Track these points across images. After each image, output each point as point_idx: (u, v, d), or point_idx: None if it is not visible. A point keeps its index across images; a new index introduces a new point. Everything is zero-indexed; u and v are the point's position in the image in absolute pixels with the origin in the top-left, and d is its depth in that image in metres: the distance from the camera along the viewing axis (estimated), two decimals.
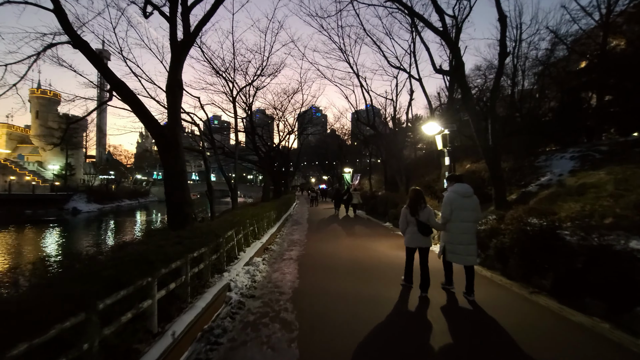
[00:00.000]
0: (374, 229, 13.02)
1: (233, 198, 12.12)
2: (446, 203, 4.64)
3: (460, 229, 4.56)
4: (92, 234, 32.16)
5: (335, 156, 45.96)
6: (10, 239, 27.52)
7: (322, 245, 9.15)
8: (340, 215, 19.28)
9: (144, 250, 3.31)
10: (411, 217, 4.77)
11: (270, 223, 11.51)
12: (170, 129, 5.08)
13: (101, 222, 39.32)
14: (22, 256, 21.17)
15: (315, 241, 9.81)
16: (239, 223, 7.10)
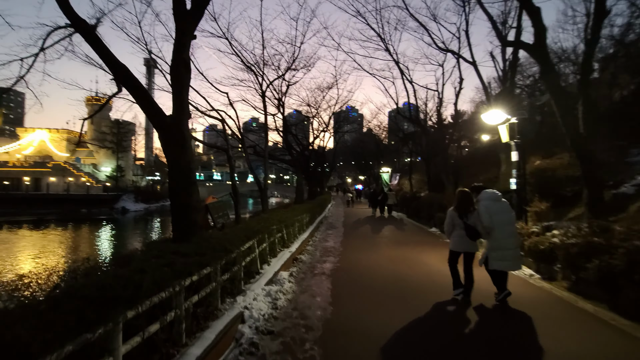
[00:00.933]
0: (418, 236, 11.50)
1: (263, 200, 11.28)
2: (484, 212, 4.47)
3: (506, 233, 4.44)
4: (138, 232, 33.70)
5: (372, 155, 44.21)
6: (71, 236, 29.67)
7: (360, 255, 7.91)
8: (377, 217, 17.90)
9: (107, 281, 2.35)
10: (459, 220, 4.62)
11: (302, 227, 10.49)
12: (174, 119, 4.18)
13: (146, 221, 41.24)
14: (79, 252, 22.42)
15: (352, 250, 8.59)
16: (263, 230, 6.11)
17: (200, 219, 4.38)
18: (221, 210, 6.39)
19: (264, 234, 6.15)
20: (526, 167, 7.82)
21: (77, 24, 4.30)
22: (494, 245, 4.46)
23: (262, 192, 11.40)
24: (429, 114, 19.48)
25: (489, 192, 4.63)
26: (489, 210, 4.44)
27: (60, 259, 19.71)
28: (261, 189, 11.47)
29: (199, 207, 4.39)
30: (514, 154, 7.22)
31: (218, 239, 4.42)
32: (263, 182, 11.64)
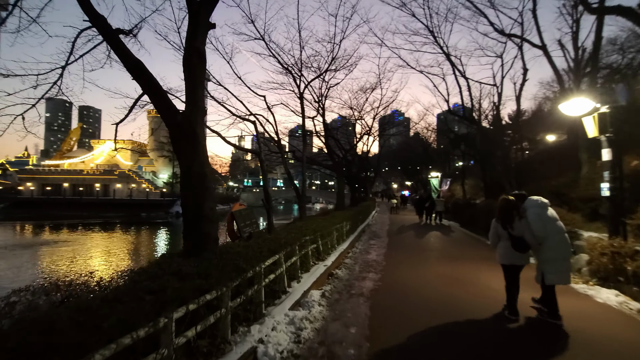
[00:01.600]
0: (474, 249, 10.02)
1: (300, 206, 10.67)
2: (536, 220, 4.16)
3: (561, 242, 4.14)
4: None
5: (419, 160, 41.93)
6: (131, 238, 32.15)
7: (406, 272, 6.85)
8: (423, 224, 16.41)
9: (57, 325, 1.76)
10: (503, 230, 4.32)
11: (341, 237, 9.66)
12: (186, 116, 3.67)
13: None
14: (135, 253, 24.05)
15: (397, 265, 7.54)
16: (293, 241, 5.41)
17: (215, 230, 3.77)
18: (249, 219, 5.84)
19: (294, 246, 5.45)
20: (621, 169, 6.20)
21: (94, 20, 4.00)
22: (549, 257, 4.12)
23: (300, 198, 10.79)
24: (484, 113, 17.57)
25: (535, 200, 4.35)
26: (542, 218, 4.15)
27: (118, 259, 21.09)
28: (299, 195, 10.88)
29: (214, 218, 3.79)
30: (605, 152, 5.71)
31: (235, 253, 3.79)
32: (301, 187, 11.03)
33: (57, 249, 24.34)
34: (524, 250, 4.21)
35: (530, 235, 4.13)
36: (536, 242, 4.14)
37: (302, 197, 10.76)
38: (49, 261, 20.56)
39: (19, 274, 16.50)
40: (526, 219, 4.21)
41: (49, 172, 56.08)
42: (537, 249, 4.19)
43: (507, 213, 4.30)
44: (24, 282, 4.75)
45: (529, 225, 4.14)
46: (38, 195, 52.67)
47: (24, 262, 20.03)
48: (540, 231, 4.11)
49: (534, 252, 4.28)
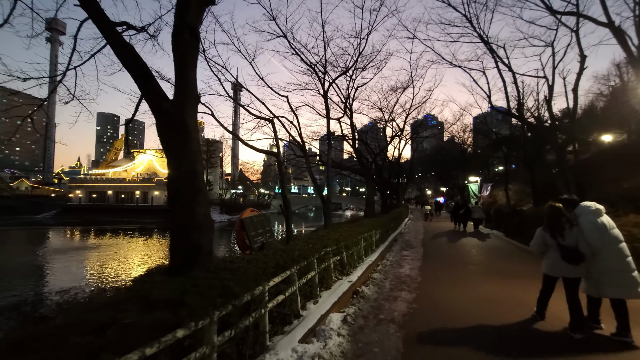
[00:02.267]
0: (525, 264, 8.61)
1: (326, 213, 9.87)
2: (591, 229, 3.77)
3: (620, 253, 3.75)
4: (222, 243, 35.70)
5: (455, 164, 39.67)
6: (165, 243, 33.06)
7: (447, 291, 5.78)
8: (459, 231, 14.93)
9: None
10: (552, 240, 3.99)
11: (370, 247, 8.71)
12: (175, 103, 3.04)
13: (228, 232, 43.93)
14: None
15: (435, 281, 6.47)
16: (310, 253, 4.62)
17: (208, 241, 3.07)
18: (262, 227, 5.13)
19: (312, 259, 4.65)
20: None
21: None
22: (604, 268, 3.79)
23: (325, 204, 9.99)
24: (529, 111, 15.85)
25: (588, 206, 4.01)
26: (597, 227, 3.82)
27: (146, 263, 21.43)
28: (324, 201, 10.09)
29: (207, 226, 3.10)
30: None
31: (232, 270, 3.06)
32: (326, 193, 10.24)
33: (99, 253, 25.34)
34: (575, 261, 3.86)
35: (584, 246, 3.79)
36: (591, 253, 3.81)
37: (327, 203, 9.95)
38: (87, 265, 21.36)
39: (68, 275, 17.43)
40: (579, 228, 3.89)
41: (95, 180, 60.01)
42: (591, 260, 3.85)
43: (556, 221, 3.99)
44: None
45: (583, 235, 3.80)
46: (85, 202, 56.37)
47: (70, 264, 20.96)
48: (597, 241, 3.78)
49: (586, 263, 3.90)
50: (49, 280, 16.84)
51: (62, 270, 19.23)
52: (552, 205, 4.13)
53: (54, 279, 16.80)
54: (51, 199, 61.23)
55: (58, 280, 16.16)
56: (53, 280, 16.63)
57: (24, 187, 73.63)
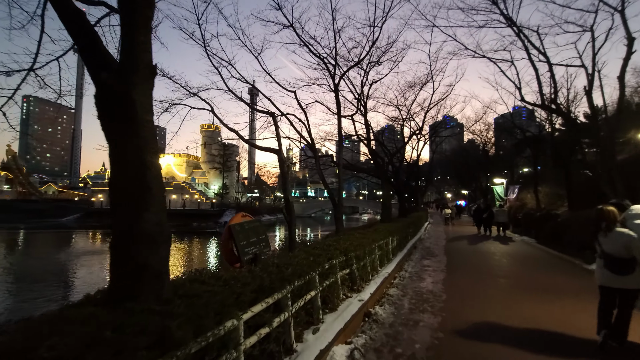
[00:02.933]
0: (567, 275, 7.42)
1: (337, 218, 8.96)
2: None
3: None
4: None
5: (477, 166, 37.82)
6: (189, 248, 32.87)
7: (479, 313, 4.74)
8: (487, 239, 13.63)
9: None
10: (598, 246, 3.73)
11: (385, 256, 7.74)
12: (118, 72, 2.27)
13: None
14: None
15: (464, 299, 5.44)
16: (309, 269, 3.75)
17: (159, 258, 2.25)
18: (254, 235, 4.30)
19: (313, 275, 3.78)
20: None
21: None
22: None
23: (336, 208, 9.08)
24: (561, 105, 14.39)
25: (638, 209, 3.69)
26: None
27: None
28: (335, 204, 9.19)
29: (160, 237, 2.29)
30: None
31: (190, 298, 2.24)
32: (337, 195, 9.33)
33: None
34: (618, 271, 3.49)
35: (637, 252, 3.44)
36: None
37: (338, 207, 9.04)
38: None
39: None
40: (624, 234, 3.54)
41: None
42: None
43: (600, 225, 3.70)
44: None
45: (631, 242, 3.44)
46: (106, 205, 57.71)
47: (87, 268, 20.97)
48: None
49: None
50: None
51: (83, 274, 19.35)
52: (600, 209, 3.79)
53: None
54: (75, 203, 63.20)
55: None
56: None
57: (51, 192, 76.50)
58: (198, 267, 6.14)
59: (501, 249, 11.89)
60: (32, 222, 50.42)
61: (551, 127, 19.16)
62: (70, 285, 16.92)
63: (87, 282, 16.31)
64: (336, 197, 9.38)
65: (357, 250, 5.57)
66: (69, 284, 17.18)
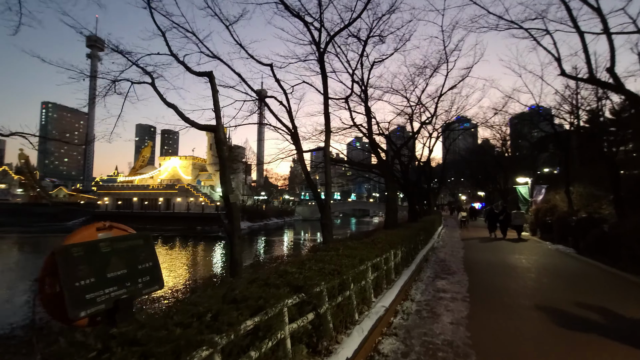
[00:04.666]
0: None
1: (323, 225, 6.87)
2: None
3: None
4: (246, 251, 33.41)
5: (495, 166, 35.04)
6: (194, 252, 31.15)
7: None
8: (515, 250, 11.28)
9: None
10: None
11: (382, 279, 5.64)
12: None
13: (249, 240, 41.74)
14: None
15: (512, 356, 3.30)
16: (199, 342, 1.72)
17: None
18: (122, 265, 2.31)
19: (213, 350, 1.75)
20: None
21: None
22: None
23: (323, 213, 7.01)
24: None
25: None
26: None
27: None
28: (321, 207, 7.13)
29: None
30: None
31: None
32: (325, 195, 7.25)
33: None
34: None
35: None
36: None
37: (325, 210, 6.97)
38: None
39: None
40: None
41: (121, 187, 60.83)
42: None
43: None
44: None
45: None
46: (112, 209, 57.09)
47: None
48: None
49: None
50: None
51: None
52: None
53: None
54: (82, 206, 62.95)
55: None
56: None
57: (62, 195, 76.87)
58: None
59: (535, 261, 9.57)
60: (40, 226, 50.07)
61: (577, 122, 16.76)
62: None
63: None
64: (323, 199, 7.29)
65: (331, 281, 3.51)
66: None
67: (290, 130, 7.89)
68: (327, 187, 7.11)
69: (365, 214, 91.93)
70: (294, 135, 7.83)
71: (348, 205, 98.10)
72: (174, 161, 64.67)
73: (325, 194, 7.12)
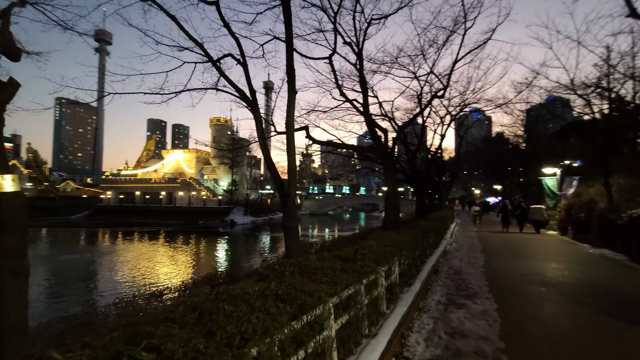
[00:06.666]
0: None
1: (285, 227, 4.69)
2: None
3: None
4: (241, 249, 31.52)
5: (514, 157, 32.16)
6: (196, 249, 29.36)
7: None
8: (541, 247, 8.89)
9: None
10: None
11: (369, 314, 3.46)
12: None
13: (250, 236, 39.87)
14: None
15: None
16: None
17: None
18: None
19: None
20: None
21: None
22: None
23: (285, 211, 4.79)
24: None
25: None
26: None
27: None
28: (284, 200, 4.88)
29: None
30: None
31: None
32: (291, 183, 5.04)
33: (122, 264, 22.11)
34: None
35: None
36: None
37: (288, 207, 4.79)
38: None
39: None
40: None
41: (124, 181, 59.90)
42: None
43: None
44: None
45: None
46: (114, 202, 56.20)
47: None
48: None
49: None
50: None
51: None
52: None
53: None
54: (87, 200, 62.41)
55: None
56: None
57: (69, 189, 76.89)
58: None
59: (583, 274, 7.19)
60: (45, 220, 49.53)
61: (610, 108, 14.16)
62: None
63: None
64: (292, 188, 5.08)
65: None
66: None
67: (247, 96, 5.68)
68: (290, 173, 4.89)
69: (375, 208, 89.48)
70: (252, 103, 5.63)
71: (356, 200, 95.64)
72: (178, 154, 63.35)
73: (288, 182, 4.92)
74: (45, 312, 11.42)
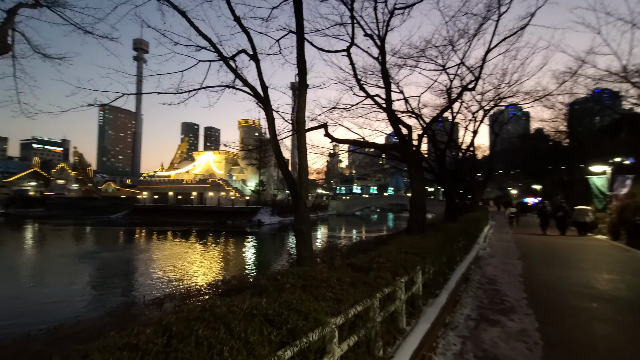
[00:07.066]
0: None
1: (297, 230, 4.36)
2: None
3: None
4: (266, 250, 31.70)
5: (556, 154, 29.82)
6: (224, 248, 29.99)
7: None
8: (589, 254, 7.83)
9: None
10: None
11: (385, 332, 3.01)
12: None
13: (276, 237, 40.12)
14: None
15: None
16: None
17: None
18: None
19: None
20: None
21: None
22: None
23: (297, 214, 4.40)
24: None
25: None
26: None
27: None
28: (295, 200, 4.52)
29: None
30: None
31: None
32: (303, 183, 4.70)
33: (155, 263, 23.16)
34: None
35: None
36: None
37: (300, 210, 4.42)
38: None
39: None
40: None
41: (158, 182, 62.66)
42: None
43: None
44: None
45: None
46: (149, 203, 58.96)
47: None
48: None
49: None
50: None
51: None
52: None
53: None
54: (125, 200, 66.03)
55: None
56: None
57: (110, 190, 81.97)
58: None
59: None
60: (89, 218, 53.01)
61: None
62: None
63: None
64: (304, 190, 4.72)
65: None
66: None
67: (259, 93, 5.40)
68: (301, 174, 4.53)
69: (403, 209, 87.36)
70: (264, 100, 5.34)
71: (384, 200, 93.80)
72: (208, 156, 65.34)
73: (299, 183, 4.57)
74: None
